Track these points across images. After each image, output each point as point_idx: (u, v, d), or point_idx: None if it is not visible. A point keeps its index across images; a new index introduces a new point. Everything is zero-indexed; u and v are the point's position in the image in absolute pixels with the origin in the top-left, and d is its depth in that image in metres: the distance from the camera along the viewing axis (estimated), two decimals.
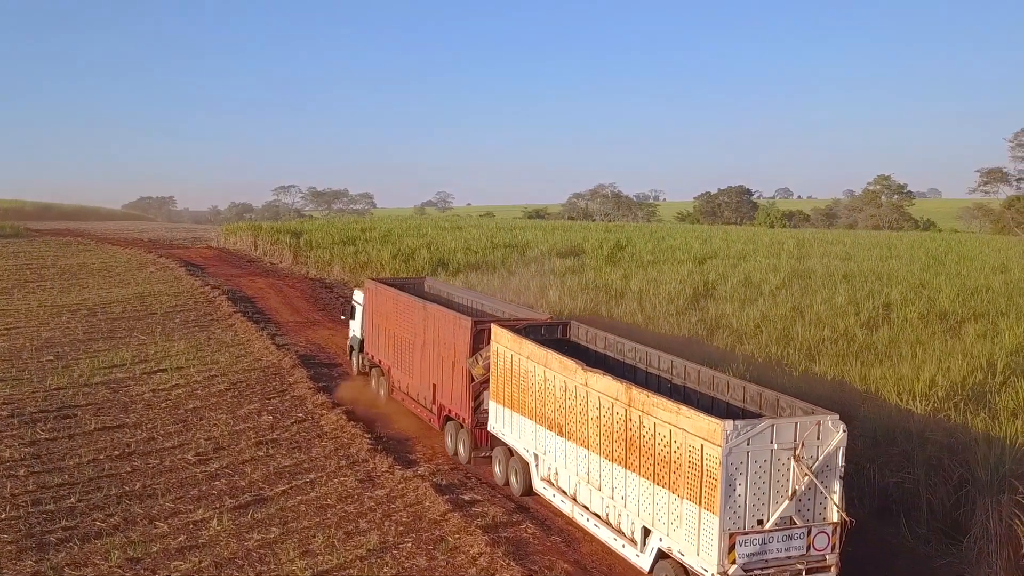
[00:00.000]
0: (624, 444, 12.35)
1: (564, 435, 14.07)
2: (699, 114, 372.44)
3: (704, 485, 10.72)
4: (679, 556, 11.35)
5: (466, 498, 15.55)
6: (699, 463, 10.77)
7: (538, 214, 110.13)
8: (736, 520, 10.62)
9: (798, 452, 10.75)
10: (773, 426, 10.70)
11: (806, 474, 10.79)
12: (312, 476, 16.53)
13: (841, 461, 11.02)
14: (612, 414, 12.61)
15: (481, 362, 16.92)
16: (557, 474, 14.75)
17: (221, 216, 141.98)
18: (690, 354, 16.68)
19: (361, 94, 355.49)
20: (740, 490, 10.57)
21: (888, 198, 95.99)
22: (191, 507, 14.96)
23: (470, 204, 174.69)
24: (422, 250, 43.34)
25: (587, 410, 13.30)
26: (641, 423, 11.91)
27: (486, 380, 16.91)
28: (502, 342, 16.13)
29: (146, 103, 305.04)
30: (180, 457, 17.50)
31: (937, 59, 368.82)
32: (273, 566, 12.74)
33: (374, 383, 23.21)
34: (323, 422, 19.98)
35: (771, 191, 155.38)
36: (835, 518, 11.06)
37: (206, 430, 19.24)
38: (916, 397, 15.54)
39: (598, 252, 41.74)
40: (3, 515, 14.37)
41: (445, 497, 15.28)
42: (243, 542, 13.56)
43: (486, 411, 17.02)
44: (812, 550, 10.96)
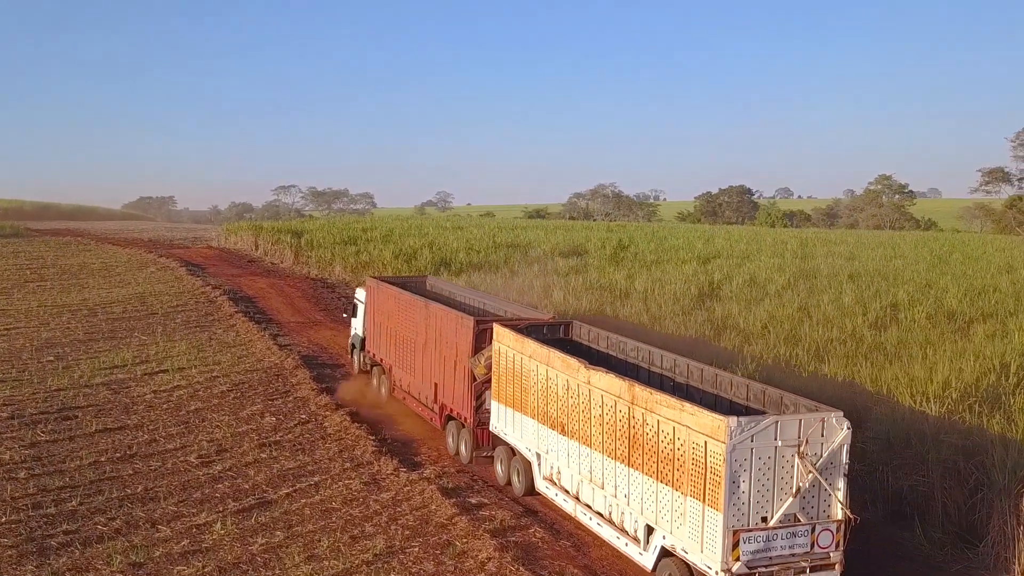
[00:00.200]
0: (627, 442, 12.27)
1: (566, 434, 13.98)
2: (699, 114, 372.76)
3: (708, 482, 10.65)
4: (683, 554, 11.27)
5: (473, 501, 15.34)
6: (703, 460, 10.69)
7: (538, 214, 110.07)
8: (740, 517, 10.56)
9: (802, 449, 10.68)
10: (777, 423, 10.64)
11: (810, 471, 10.72)
12: (316, 479, 16.32)
13: (845, 458, 10.96)
14: (615, 412, 12.53)
15: (483, 362, 16.79)
16: (559, 473, 14.65)
17: (221, 216, 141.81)
18: (698, 355, 16.49)
19: (361, 94, 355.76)
20: (744, 487, 10.52)
21: (889, 198, 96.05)
22: (194, 510, 14.74)
23: (470, 204, 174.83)
24: (424, 250, 43.20)
25: (590, 408, 13.22)
26: (644, 421, 11.83)
27: (488, 380, 16.77)
28: (504, 341, 16.04)
29: (146, 103, 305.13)
30: (182, 459, 17.28)
31: (938, 59, 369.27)
32: (278, 571, 12.52)
33: (375, 381, 23.06)
34: (327, 424, 19.77)
35: (771, 191, 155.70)
36: (839, 515, 11.00)
37: (208, 432, 19.03)
38: (930, 399, 15.34)
39: (601, 252, 41.61)
40: (3, 519, 14.12)
41: (452, 500, 15.06)
42: (247, 547, 13.34)
43: (488, 411, 16.88)
44: (816, 547, 10.91)
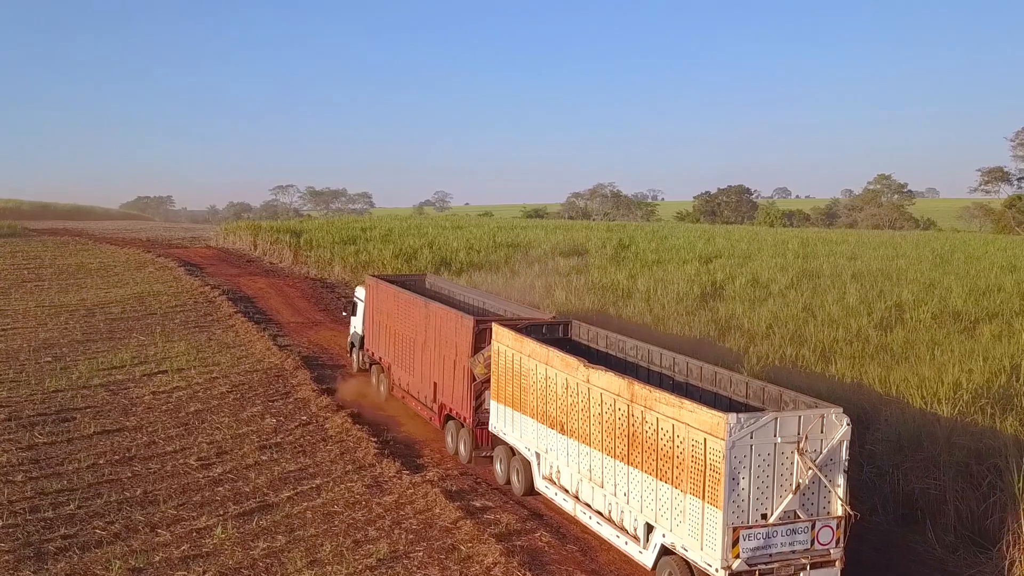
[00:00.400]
0: (626, 440, 12.19)
1: (566, 433, 13.90)
2: (697, 114, 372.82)
3: (707, 479, 10.59)
4: (682, 552, 11.20)
5: (477, 504, 15.13)
6: (702, 457, 10.63)
7: (537, 214, 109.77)
8: (740, 514, 10.51)
9: (802, 445, 10.62)
10: (776, 420, 10.59)
11: (810, 468, 10.66)
12: (318, 481, 16.10)
13: (845, 455, 10.94)
14: (614, 410, 12.46)
15: (483, 361, 16.65)
16: (559, 472, 14.56)
17: (219, 216, 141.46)
18: (703, 355, 16.31)
19: (360, 94, 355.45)
20: (743, 484, 10.47)
21: (888, 198, 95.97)
22: (194, 514, 14.52)
23: (468, 204, 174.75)
24: (424, 249, 42.98)
25: (589, 407, 13.14)
26: (643, 419, 11.77)
27: (488, 379, 16.62)
28: (504, 341, 15.93)
29: (143, 102, 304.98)
30: (182, 462, 17.06)
31: (937, 58, 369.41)
32: None
33: (374, 380, 22.90)
34: (328, 425, 19.55)
35: (769, 191, 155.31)
36: (839, 512, 10.95)
37: (208, 434, 18.80)
38: (940, 400, 15.14)
39: (602, 252, 41.38)
40: (0, 523, 13.91)
41: (456, 503, 14.86)
42: (248, 551, 13.12)
43: (487, 410, 16.74)
44: (816, 544, 10.85)
